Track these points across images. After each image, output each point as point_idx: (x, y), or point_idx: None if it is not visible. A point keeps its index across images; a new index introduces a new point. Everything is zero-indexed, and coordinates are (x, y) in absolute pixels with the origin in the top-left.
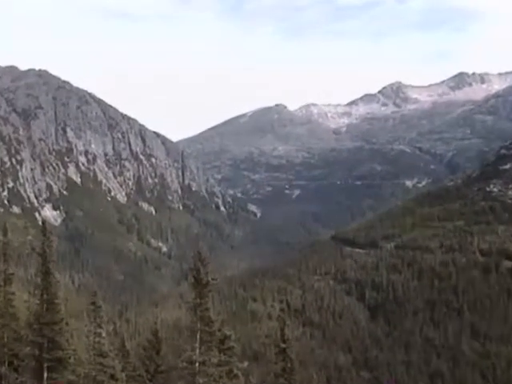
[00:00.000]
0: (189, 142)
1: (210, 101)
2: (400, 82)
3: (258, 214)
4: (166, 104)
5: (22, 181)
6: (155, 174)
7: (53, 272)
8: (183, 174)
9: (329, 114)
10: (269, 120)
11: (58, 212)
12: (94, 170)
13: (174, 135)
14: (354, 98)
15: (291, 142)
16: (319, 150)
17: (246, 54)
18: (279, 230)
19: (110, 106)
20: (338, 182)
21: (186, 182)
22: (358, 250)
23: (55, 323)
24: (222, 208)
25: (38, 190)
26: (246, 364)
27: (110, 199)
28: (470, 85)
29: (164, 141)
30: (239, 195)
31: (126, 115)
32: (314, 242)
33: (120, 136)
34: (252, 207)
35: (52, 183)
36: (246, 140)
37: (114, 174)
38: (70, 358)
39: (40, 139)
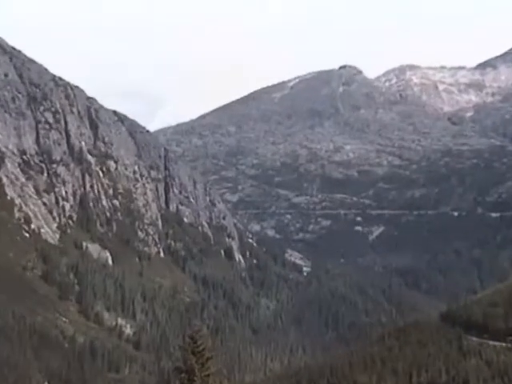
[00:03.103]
0: (179, 132)
1: (220, 60)
2: None
3: (305, 270)
4: (139, 64)
5: None
6: (115, 192)
7: None
8: (167, 193)
9: (440, 86)
10: (328, 95)
11: None
12: (0, 180)
13: (152, 121)
14: (489, 56)
15: (369, 137)
16: (422, 153)
17: None
18: (342, 298)
19: (34, 63)
20: (456, 214)
21: (173, 206)
22: (491, 341)
23: None
24: (239, 257)
25: None
26: None
27: (28, 235)
28: None
29: (133, 129)
30: (270, 233)
31: (62, 80)
32: (407, 323)
33: (50, 118)
34: (294, 256)
35: None
36: (285, 131)
37: (36, 189)
38: None
39: None
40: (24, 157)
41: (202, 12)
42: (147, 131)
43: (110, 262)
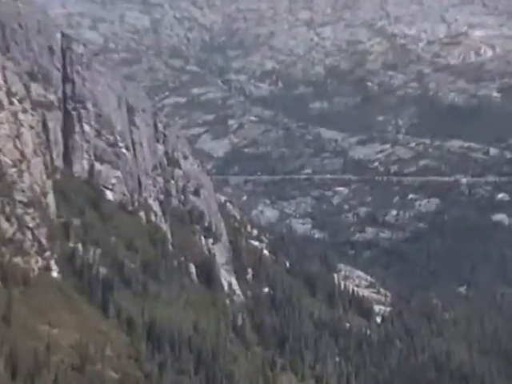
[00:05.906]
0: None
1: None
2: None
3: (380, 311)
4: None
5: None
6: None
7: None
8: (69, 135)
9: None
10: None
11: None
12: None
13: None
14: None
15: None
16: None
17: None
18: (462, 376)
19: None
20: None
21: (81, 164)
22: None
23: None
24: (230, 280)
25: None
26: None
27: None
28: None
29: None
30: (301, 228)
31: None
32: None
33: None
34: (354, 278)
35: None
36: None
37: None
38: None
39: None
40: None
41: None
42: None
43: None
